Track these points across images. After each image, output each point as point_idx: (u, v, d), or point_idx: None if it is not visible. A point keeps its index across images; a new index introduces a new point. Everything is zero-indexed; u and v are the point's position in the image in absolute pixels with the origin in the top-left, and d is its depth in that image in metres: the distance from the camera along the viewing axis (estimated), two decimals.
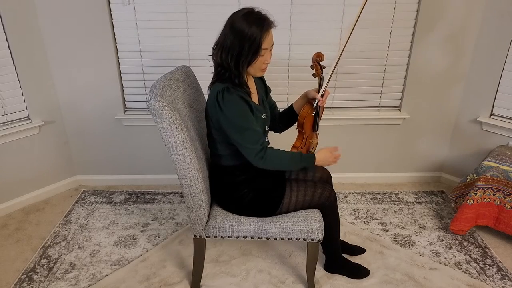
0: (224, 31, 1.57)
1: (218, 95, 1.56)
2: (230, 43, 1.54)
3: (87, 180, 2.91)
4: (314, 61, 1.80)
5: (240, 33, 1.51)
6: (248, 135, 1.59)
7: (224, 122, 1.59)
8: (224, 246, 2.25)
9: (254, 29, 1.51)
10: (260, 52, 1.55)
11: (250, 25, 1.51)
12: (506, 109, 2.52)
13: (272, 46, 1.62)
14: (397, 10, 2.46)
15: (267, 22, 1.54)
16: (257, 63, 1.60)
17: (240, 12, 1.55)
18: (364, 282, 1.99)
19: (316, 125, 1.84)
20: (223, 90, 1.56)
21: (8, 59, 2.39)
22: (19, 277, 2.03)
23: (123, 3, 2.41)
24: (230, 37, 1.54)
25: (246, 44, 1.52)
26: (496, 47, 2.44)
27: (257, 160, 1.62)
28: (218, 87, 1.58)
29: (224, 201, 1.81)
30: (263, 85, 1.87)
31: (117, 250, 2.23)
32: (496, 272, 2.07)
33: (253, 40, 1.51)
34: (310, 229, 1.75)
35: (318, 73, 1.80)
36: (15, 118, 2.51)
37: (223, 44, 1.56)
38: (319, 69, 1.79)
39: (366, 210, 2.60)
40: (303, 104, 1.85)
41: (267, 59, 1.62)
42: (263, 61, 1.60)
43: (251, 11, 1.55)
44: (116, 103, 2.66)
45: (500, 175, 2.18)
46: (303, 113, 1.80)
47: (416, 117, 2.74)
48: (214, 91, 1.58)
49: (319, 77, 1.80)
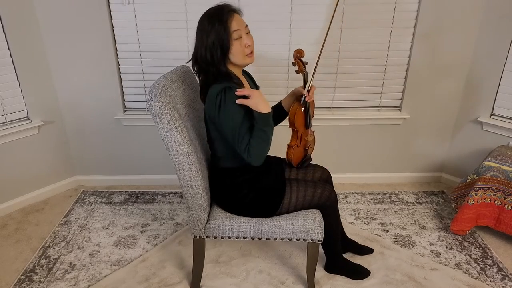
0: (196, 37, 1.61)
1: (218, 96, 1.55)
2: (200, 45, 1.57)
3: (87, 180, 2.91)
4: (295, 58, 1.81)
5: (205, 28, 1.55)
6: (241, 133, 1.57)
7: (224, 123, 1.57)
8: (224, 246, 2.24)
9: (215, 18, 1.55)
10: (231, 34, 1.55)
11: (211, 16, 1.56)
12: (506, 109, 2.52)
13: (247, 28, 1.62)
14: (397, 10, 2.46)
15: (226, 8, 1.58)
16: (236, 48, 1.58)
17: (203, 14, 1.60)
18: (364, 283, 1.99)
19: (308, 122, 1.83)
20: (223, 91, 1.55)
21: (8, 59, 2.38)
22: (18, 278, 2.03)
23: (123, 3, 2.41)
24: (200, 38, 1.58)
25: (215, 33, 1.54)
26: (496, 47, 2.44)
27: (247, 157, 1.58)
28: (217, 88, 1.57)
29: (224, 202, 1.80)
30: (252, 84, 1.87)
31: (117, 251, 2.22)
32: (497, 272, 2.07)
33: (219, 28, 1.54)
34: (310, 230, 1.74)
35: (301, 69, 1.80)
36: (14, 118, 2.51)
37: (199, 47, 1.59)
38: (301, 65, 1.80)
39: (367, 210, 2.59)
40: (291, 102, 1.83)
41: (245, 41, 1.60)
42: (242, 44, 1.59)
43: (208, 10, 1.60)
44: (115, 103, 2.66)
45: (501, 175, 2.18)
46: (293, 111, 1.80)
47: (416, 117, 2.74)
48: (214, 92, 1.57)
49: (302, 73, 1.80)
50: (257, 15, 2.38)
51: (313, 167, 2.02)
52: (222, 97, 1.54)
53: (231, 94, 1.55)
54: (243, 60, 1.63)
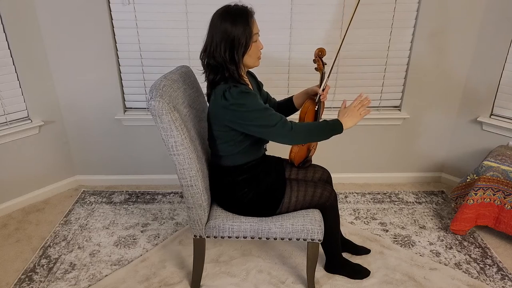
0: (210, 34, 1.59)
1: (226, 93, 1.54)
2: (220, 41, 1.55)
3: (87, 180, 2.91)
4: (316, 56, 1.83)
5: (227, 26, 1.54)
6: (270, 114, 1.57)
7: (243, 116, 1.56)
8: (224, 246, 2.25)
9: (239, 17, 1.54)
10: (253, 37, 1.58)
11: (234, 15, 1.55)
12: (506, 109, 2.52)
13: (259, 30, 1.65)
14: (397, 10, 2.46)
15: (248, 10, 1.59)
16: (253, 50, 1.61)
17: (219, 12, 1.59)
18: (364, 282, 1.99)
19: (317, 121, 1.84)
20: (229, 88, 1.54)
21: (8, 59, 2.39)
22: (19, 277, 2.03)
23: (123, 3, 2.41)
24: (217, 37, 1.56)
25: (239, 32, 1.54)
26: (496, 47, 2.44)
27: (287, 132, 1.58)
28: (222, 87, 1.57)
29: (224, 201, 1.81)
30: (255, 82, 1.88)
31: (117, 250, 2.23)
32: (496, 272, 2.07)
33: (245, 28, 1.54)
34: (310, 229, 1.75)
35: (320, 67, 1.83)
36: (15, 118, 2.51)
37: (212, 44, 1.58)
38: (321, 64, 1.82)
39: (366, 210, 2.60)
40: (304, 100, 1.86)
41: (260, 45, 1.65)
42: (258, 47, 1.63)
43: (229, 7, 1.58)
44: (116, 103, 2.66)
45: (500, 175, 2.18)
46: (305, 109, 1.81)
47: (416, 117, 2.74)
48: (220, 92, 1.57)
49: (320, 72, 1.83)
50: (257, 15, 2.37)
51: (313, 167, 2.03)
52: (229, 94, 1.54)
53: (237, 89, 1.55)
54: (255, 62, 1.67)
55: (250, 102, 1.55)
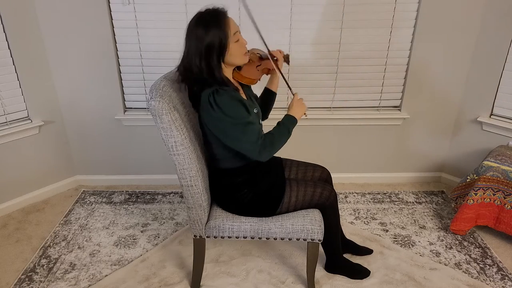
0: (186, 45, 1.59)
1: (210, 98, 1.54)
2: (194, 51, 1.55)
3: (87, 180, 2.91)
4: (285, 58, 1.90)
5: (200, 38, 1.53)
6: (250, 130, 1.57)
7: (221, 124, 1.56)
8: (224, 246, 2.25)
9: (210, 23, 1.53)
10: (231, 37, 1.56)
11: (205, 22, 1.53)
12: (506, 109, 2.52)
13: (239, 27, 1.63)
14: (397, 10, 2.46)
15: (220, 12, 1.56)
16: (235, 50, 1.58)
17: (192, 20, 1.57)
18: (364, 282, 1.99)
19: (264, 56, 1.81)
20: (213, 93, 1.54)
21: (8, 59, 2.39)
22: (19, 277, 2.03)
23: (123, 3, 2.41)
24: (192, 48, 1.55)
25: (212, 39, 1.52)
26: (496, 47, 2.44)
27: (260, 153, 1.59)
28: (207, 92, 1.56)
29: (224, 202, 1.81)
30: (249, 91, 1.87)
31: (117, 250, 2.23)
32: (496, 272, 2.07)
33: (218, 33, 1.53)
34: (310, 229, 1.75)
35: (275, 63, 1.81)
36: (15, 118, 2.51)
37: (189, 55, 1.57)
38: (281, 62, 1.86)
39: (366, 210, 2.60)
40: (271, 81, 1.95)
41: (243, 41, 1.63)
42: (241, 44, 1.61)
43: (201, 15, 1.57)
44: (116, 103, 2.66)
45: (500, 175, 2.18)
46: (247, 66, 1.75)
47: (416, 117, 2.74)
48: (205, 96, 1.56)
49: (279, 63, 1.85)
50: (257, 15, 2.37)
51: (313, 166, 2.02)
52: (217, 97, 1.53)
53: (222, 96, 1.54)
54: (242, 59, 1.65)
55: (229, 112, 1.54)
